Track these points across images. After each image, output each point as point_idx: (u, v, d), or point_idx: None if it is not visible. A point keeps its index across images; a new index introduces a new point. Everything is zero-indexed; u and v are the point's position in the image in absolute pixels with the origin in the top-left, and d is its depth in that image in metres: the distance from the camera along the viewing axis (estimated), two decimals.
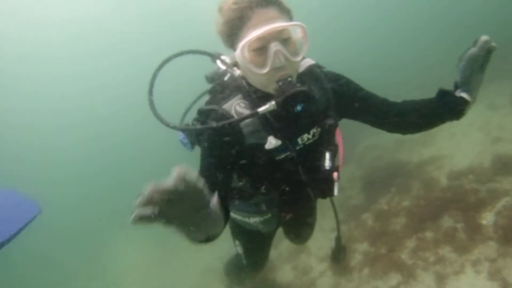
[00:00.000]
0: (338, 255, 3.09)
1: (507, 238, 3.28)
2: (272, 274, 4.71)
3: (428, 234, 3.86)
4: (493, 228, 3.46)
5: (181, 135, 2.13)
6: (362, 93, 1.94)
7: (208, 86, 2.01)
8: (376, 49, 13.40)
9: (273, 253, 4.72)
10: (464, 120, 1.84)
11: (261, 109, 1.63)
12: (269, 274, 4.68)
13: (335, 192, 1.96)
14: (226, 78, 1.89)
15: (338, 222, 2.85)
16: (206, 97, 2.05)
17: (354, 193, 5.49)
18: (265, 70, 1.59)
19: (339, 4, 14.77)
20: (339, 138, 2.22)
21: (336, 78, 1.94)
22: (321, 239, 4.73)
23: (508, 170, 4.13)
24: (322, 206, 2.66)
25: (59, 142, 14.89)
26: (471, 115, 4.31)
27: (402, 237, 4.03)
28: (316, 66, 1.93)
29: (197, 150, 2.03)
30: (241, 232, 2.60)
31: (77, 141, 14.79)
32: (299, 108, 1.62)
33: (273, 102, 1.62)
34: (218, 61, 1.92)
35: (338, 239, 3.00)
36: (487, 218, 3.61)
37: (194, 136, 2.09)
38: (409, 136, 2.07)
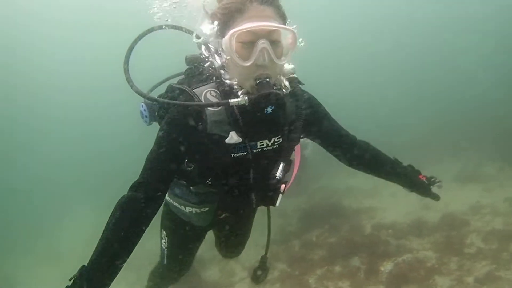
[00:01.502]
0: (260, 275, 2.83)
1: (395, 285, 3.85)
2: (200, 272, 5.18)
3: (337, 268, 4.40)
4: (387, 275, 4.02)
5: (143, 106, 2.14)
6: (328, 120, 2.07)
7: (185, 68, 2.02)
8: None
9: (208, 254, 5.20)
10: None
11: (233, 101, 1.63)
12: (199, 271, 5.14)
13: (277, 203, 2.00)
14: (206, 65, 1.87)
15: (268, 243, 2.71)
16: (179, 78, 2.09)
17: (294, 222, 6.01)
18: (247, 64, 1.60)
19: None
20: (297, 159, 2.37)
21: (310, 99, 2.00)
22: (252, 252, 5.23)
23: (420, 234, 4.73)
24: (261, 224, 2.69)
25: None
26: None
27: (316, 265, 4.56)
28: (297, 80, 1.94)
29: (154, 126, 2.08)
30: (171, 222, 2.47)
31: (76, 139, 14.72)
32: (269, 109, 1.65)
33: (246, 97, 1.63)
34: (203, 47, 1.89)
35: (263, 260, 2.76)
36: (386, 266, 4.18)
37: (154, 111, 2.10)
38: (358, 186, 2.60)
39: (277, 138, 1.87)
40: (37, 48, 15.06)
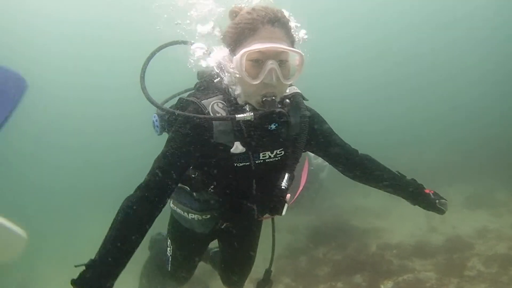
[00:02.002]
0: None
1: None
2: (208, 281, 5.39)
3: (339, 284, 4.55)
4: None
5: (155, 116, 2.22)
6: (332, 136, 2.15)
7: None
8: None
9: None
10: (417, 208, 2.28)
11: (239, 116, 1.72)
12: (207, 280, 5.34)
13: (283, 212, 2.02)
14: (216, 80, 1.96)
15: (272, 256, 2.71)
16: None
17: (303, 238, 6.17)
18: (255, 82, 1.69)
19: None
20: (304, 173, 2.48)
21: (314, 116, 2.07)
22: (260, 264, 5.42)
23: (423, 255, 4.83)
24: (269, 239, 2.66)
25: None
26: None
27: (320, 281, 4.71)
28: (301, 95, 2.02)
29: (164, 136, 2.11)
30: (176, 231, 2.56)
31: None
32: (273, 126, 1.76)
33: (252, 113, 1.72)
34: (214, 63, 1.97)
35: (267, 272, 2.72)
36: (386, 285, 4.31)
37: (165, 121, 2.19)
38: (369, 206, 2.74)
39: (279, 151, 1.96)
40: (40, 53, 15.22)
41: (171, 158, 1.79)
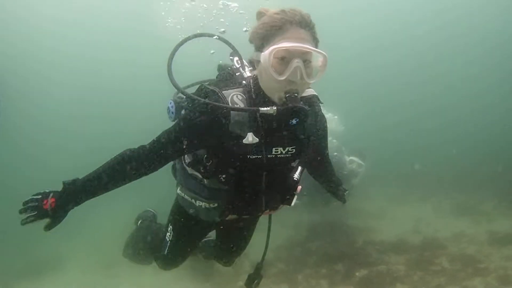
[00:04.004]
0: (253, 282, 2.81)
1: (362, 287, 4.75)
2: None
3: (323, 270, 5.34)
4: (358, 279, 4.94)
5: (171, 103, 2.30)
6: (325, 141, 2.29)
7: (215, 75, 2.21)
8: None
9: None
10: (410, 212, 2.97)
11: (263, 109, 1.79)
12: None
13: (293, 202, 2.08)
14: (237, 74, 2.05)
15: (265, 252, 2.77)
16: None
17: (302, 233, 6.91)
18: (281, 78, 1.74)
19: None
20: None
21: (324, 119, 2.19)
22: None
23: (399, 251, 5.56)
24: (273, 232, 2.74)
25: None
26: (419, 210, 5.96)
27: (308, 267, 5.51)
28: (317, 98, 2.13)
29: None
30: (180, 216, 2.64)
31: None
32: (294, 121, 1.81)
33: (275, 108, 1.78)
34: (235, 59, 2.11)
35: (258, 267, 2.80)
36: (361, 273, 5.08)
37: (181, 108, 2.25)
38: (367, 208, 3.47)
39: (291, 148, 2.03)
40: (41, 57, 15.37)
41: (175, 136, 1.93)
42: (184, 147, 1.95)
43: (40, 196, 1.82)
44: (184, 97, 2.10)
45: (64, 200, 1.83)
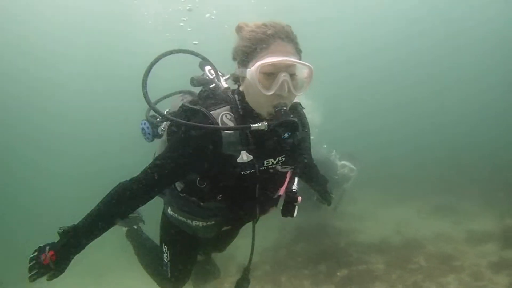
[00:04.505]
0: (241, 286, 2.72)
1: (343, 285, 4.93)
2: None
3: (306, 271, 5.51)
4: (339, 278, 5.12)
5: (145, 123, 2.26)
6: (308, 142, 2.31)
7: (182, 87, 2.22)
8: None
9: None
10: (394, 214, 3.13)
11: (254, 126, 1.78)
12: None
13: (295, 214, 2.11)
14: (211, 87, 2.04)
15: (251, 257, 2.67)
16: (180, 96, 2.30)
17: (288, 235, 7.10)
18: (269, 93, 1.74)
19: None
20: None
21: (308, 124, 2.20)
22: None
23: (380, 251, 5.75)
24: (259, 235, 2.68)
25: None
26: (403, 211, 6.08)
27: (291, 268, 5.68)
28: (300, 104, 2.14)
29: (154, 142, 2.23)
30: (174, 236, 2.53)
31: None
32: (286, 135, 1.79)
33: (265, 123, 1.78)
34: (206, 69, 2.12)
35: (246, 272, 2.71)
36: (342, 272, 5.26)
37: (156, 128, 2.25)
38: (353, 211, 3.68)
39: (281, 157, 2.04)
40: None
41: (170, 164, 1.87)
42: (183, 172, 1.94)
43: (36, 253, 1.79)
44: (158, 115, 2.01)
45: (64, 252, 1.78)
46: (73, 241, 1.79)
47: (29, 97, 15.05)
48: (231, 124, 1.86)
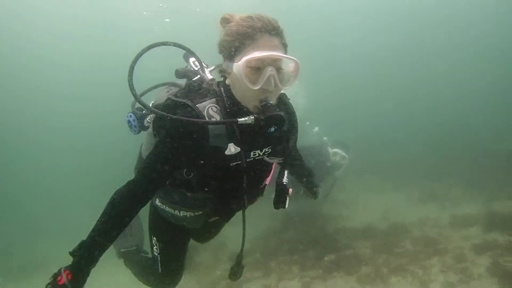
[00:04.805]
0: (236, 273, 2.82)
1: (329, 270, 5.06)
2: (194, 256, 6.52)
3: (295, 257, 5.64)
4: (326, 263, 5.25)
5: (131, 116, 2.25)
6: (296, 134, 2.27)
7: (167, 78, 2.19)
8: None
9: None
10: (382, 201, 3.22)
11: (241, 120, 1.78)
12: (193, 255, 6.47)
13: (287, 205, 2.20)
14: (195, 79, 2.05)
15: (243, 243, 2.74)
16: (165, 88, 2.26)
17: (278, 223, 7.23)
18: (256, 87, 1.74)
19: None
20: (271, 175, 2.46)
21: (295, 113, 2.20)
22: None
23: (366, 237, 5.89)
24: (251, 224, 2.88)
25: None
26: (391, 198, 6.14)
27: (281, 255, 5.81)
28: (285, 95, 2.15)
29: (141, 134, 2.22)
30: (162, 227, 2.56)
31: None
32: (272, 129, 1.83)
33: (252, 117, 1.78)
34: (191, 60, 2.10)
35: (239, 258, 2.80)
36: (330, 257, 5.38)
37: (142, 121, 2.23)
38: (341, 198, 3.94)
39: (268, 149, 2.06)
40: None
41: (161, 159, 1.87)
42: (182, 160, 1.91)
43: (52, 279, 1.71)
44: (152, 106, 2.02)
45: (79, 267, 1.73)
46: (86, 255, 1.75)
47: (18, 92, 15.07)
48: (217, 116, 1.86)
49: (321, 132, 7.11)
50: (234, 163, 1.96)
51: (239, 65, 1.73)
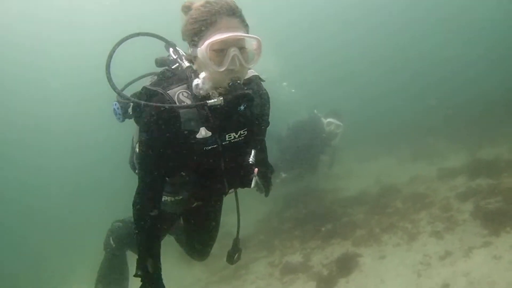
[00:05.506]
0: (233, 257, 2.90)
1: (327, 238, 5.38)
2: None
3: (296, 232, 5.97)
4: (324, 233, 5.57)
5: (116, 104, 2.24)
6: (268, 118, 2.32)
7: (155, 68, 2.22)
8: None
9: None
10: (375, 167, 3.49)
11: (210, 102, 1.83)
12: None
13: (252, 184, 2.25)
14: (173, 67, 2.09)
15: (238, 226, 2.82)
16: (150, 78, 2.27)
17: (279, 203, 7.53)
18: (222, 69, 1.80)
19: None
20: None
21: (268, 96, 2.27)
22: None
23: (360, 203, 6.21)
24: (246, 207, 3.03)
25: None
26: (383, 163, 6.72)
27: (284, 232, 6.14)
28: (258, 77, 2.20)
29: (127, 122, 2.28)
30: None
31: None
32: (242, 107, 1.90)
33: (221, 98, 1.83)
34: (171, 50, 2.13)
35: (235, 242, 2.88)
36: (327, 227, 5.71)
37: (126, 109, 2.24)
38: (335, 172, 4.87)
39: (243, 131, 2.12)
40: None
41: (153, 153, 1.96)
42: (165, 146, 1.97)
43: None
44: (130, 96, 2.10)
45: (148, 279, 2.02)
46: (149, 268, 1.99)
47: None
48: (188, 101, 1.92)
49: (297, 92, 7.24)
50: (209, 147, 2.01)
51: (202, 49, 1.79)
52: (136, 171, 2.25)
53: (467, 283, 3.56)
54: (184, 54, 2.11)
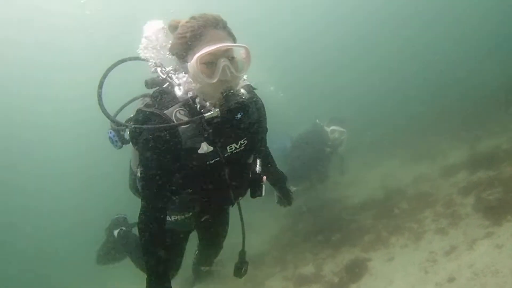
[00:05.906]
0: (241, 269, 2.89)
1: (337, 246, 5.50)
2: None
3: (307, 245, 6.09)
4: (332, 242, 5.68)
5: (111, 132, 2.29)
6: (265, 123, 2.36)
7: (145, 90, 2.23)
8: None
9: None
10: (380, 171, 3.75)
11: (207, 114, 1.84)
12: None
13: (263, 192, 2.26)
14: (164, 86, 2.09)
15: (244, 239, 2.82)
16: (140, 100, 2.29)
17: (290, 218, 7.67)
18: (213, 80, 1.81)
19: None
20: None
21: (263, 104, 2.30)
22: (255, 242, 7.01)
23: (367, 208, 6.33)
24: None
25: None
26: (388, 166, 7.07)
27: (297, 246, 6.24)
28: (251, 86, 2.21)
29: (125, 148, 2.30)
30: None
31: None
32: (239, 116, 1.87)
33: (217, 109, 1.84)
34: (158, 70, 2.13)
35: (242, 255, 2.87)
36: (336, 236, 5.82)
37: (122, 135, 2.29)
38: (344, 180, 4.74)
39: (243, 141, 2.14)
40: None
41: (156, 174, 1.95)
42: (171, 166, 1.98)
43: None
44: (125, 121, 2.17)
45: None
46: (160, 277, 2.03)
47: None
48: (185, 119, 1.92)
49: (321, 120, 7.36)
50: (212, 161, 2.03)
51: (192, 63, 1.82)
52: (139, 193, 2.28)
53: (472, 274, 3.65)
54: (172, 71, 2.12)
